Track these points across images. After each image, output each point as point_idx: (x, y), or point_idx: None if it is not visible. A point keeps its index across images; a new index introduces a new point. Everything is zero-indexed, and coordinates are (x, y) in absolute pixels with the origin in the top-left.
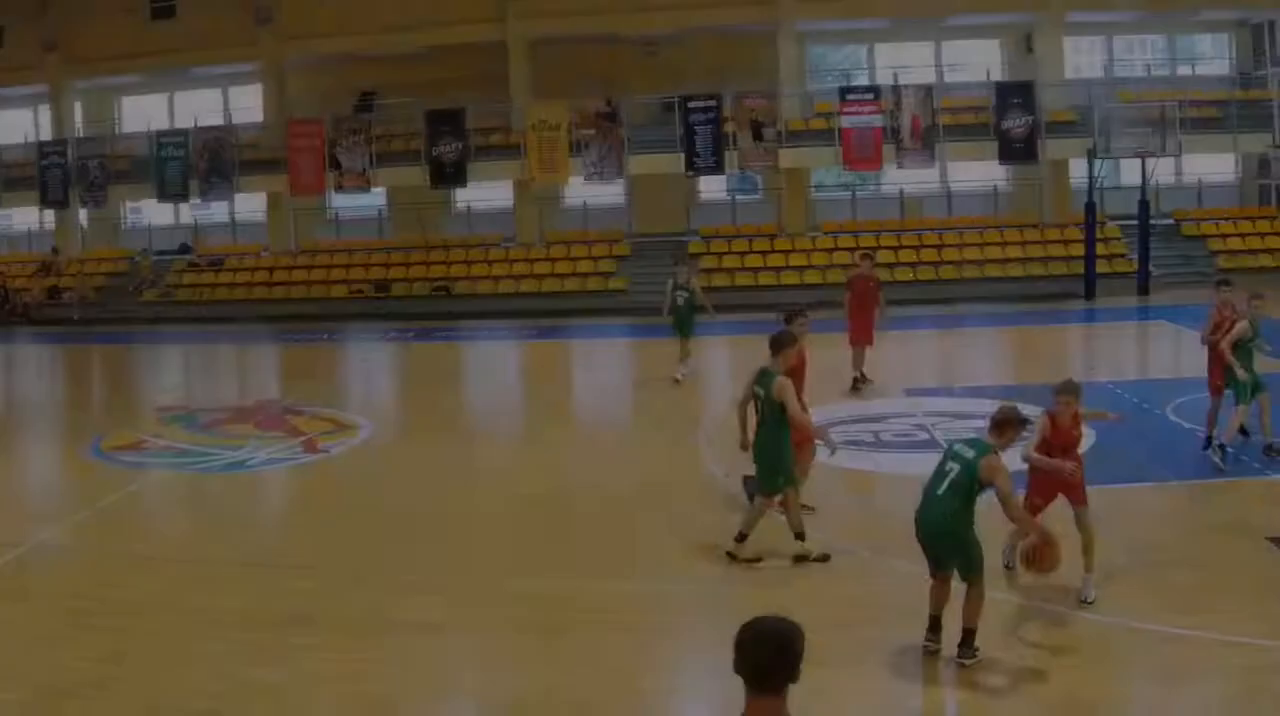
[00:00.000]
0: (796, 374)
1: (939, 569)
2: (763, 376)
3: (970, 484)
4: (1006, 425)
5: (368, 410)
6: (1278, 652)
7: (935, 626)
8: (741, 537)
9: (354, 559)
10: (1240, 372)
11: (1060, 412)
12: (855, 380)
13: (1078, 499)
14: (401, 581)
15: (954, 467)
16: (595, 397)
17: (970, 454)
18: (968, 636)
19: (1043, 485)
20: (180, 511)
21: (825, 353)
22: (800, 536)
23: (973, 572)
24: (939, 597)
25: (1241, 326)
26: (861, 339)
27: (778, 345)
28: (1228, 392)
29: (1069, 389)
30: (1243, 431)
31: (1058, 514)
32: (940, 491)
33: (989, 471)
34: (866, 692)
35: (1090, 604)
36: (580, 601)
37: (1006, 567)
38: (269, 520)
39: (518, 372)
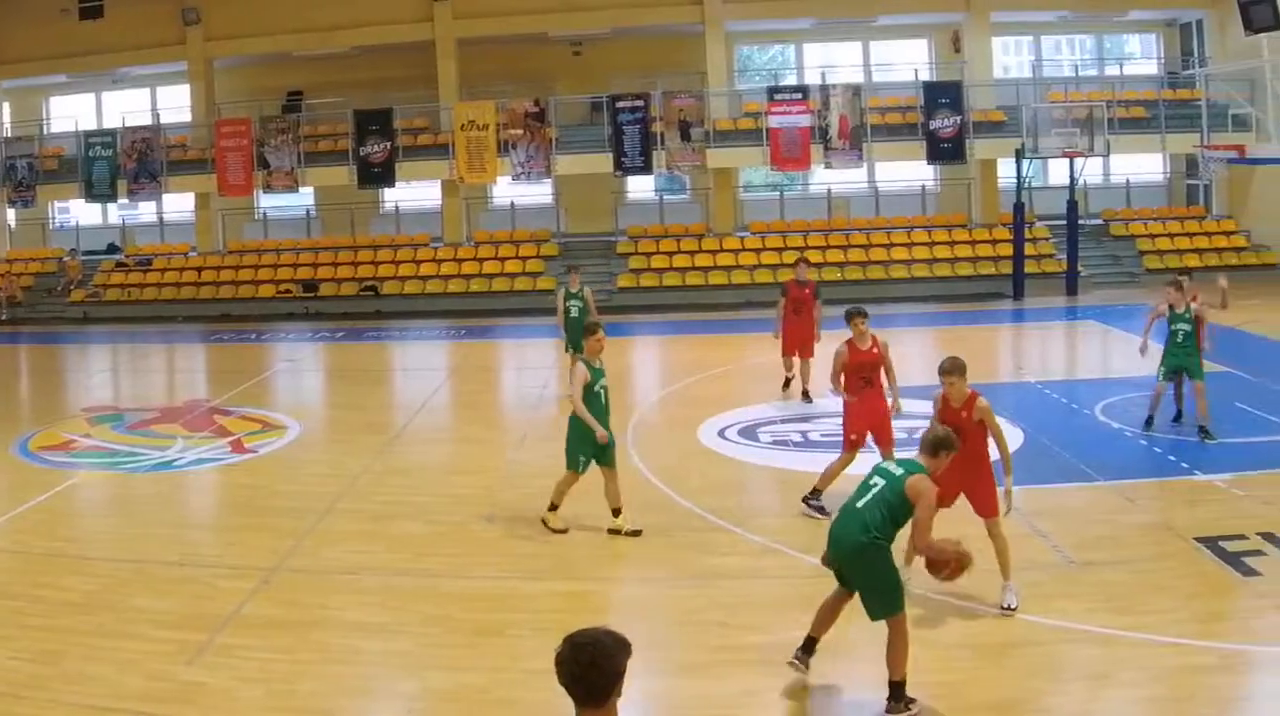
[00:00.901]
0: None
1: (846, 583)
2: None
3: (894, 500)
4: (941, 447)
5: (296, 410)
6: (1211, 653)
7: (809, 647)
8: (554, 508)
9: (284, 559)
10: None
11: (948, 391)
12: (788, 380)
13: (987, 512)
14: (332, 581)
15: (879, 482)
16: (524, 397)
17: (899, 471)
18: (896, 689)
19: (947, 484)
20: (110, 511)
21: (760, 352)
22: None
23: (893, 611)
24: (825, 616)
25: (1160, 308)
26: (794, 349)
27: (587, 331)
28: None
29: (953, 368)
30: (1177, 417)
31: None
32: (859, 504)
33: (914, 491)
34: (792, 693)
35: (1012, 611)
36: (512, 601)
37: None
38: (199, 520)
39: (446, 372)
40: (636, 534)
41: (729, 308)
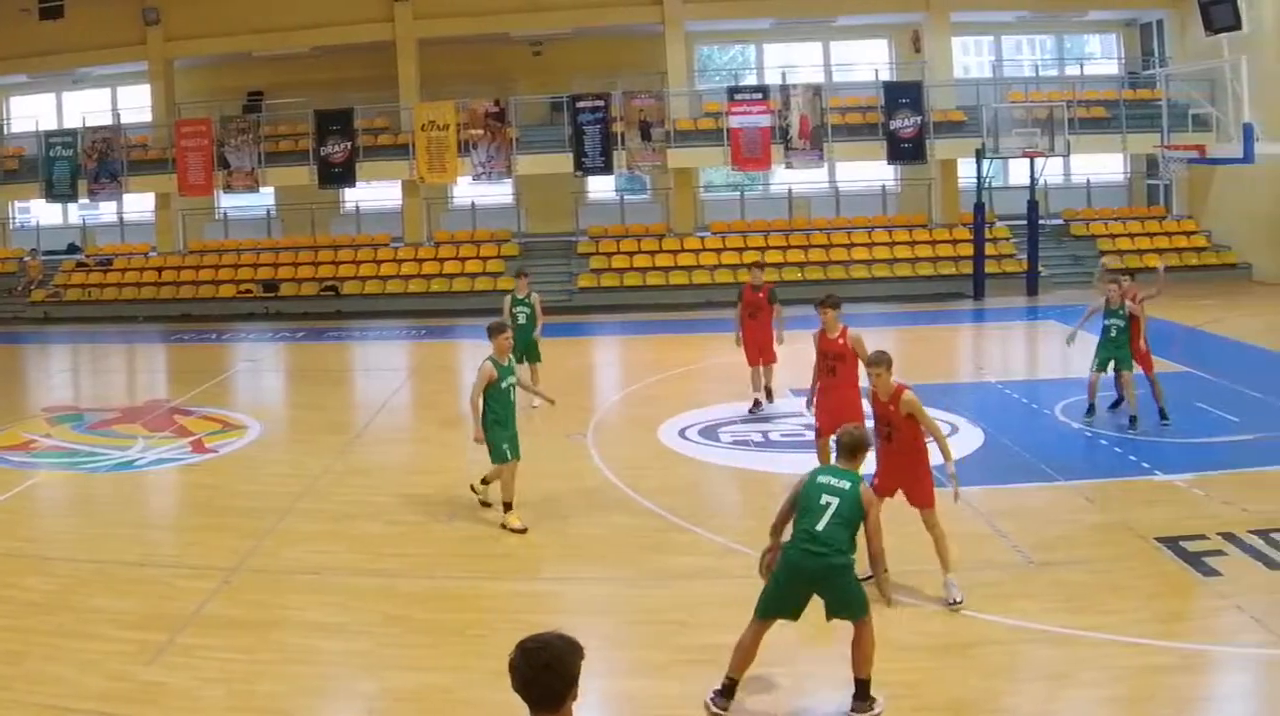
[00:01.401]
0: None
1: (792, 614)
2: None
3: (853, 515)
4: (859, 449)
5: (256, 410)
6: (1171, 653)
7: (729, 691)
8: (509, 507)
9: (244, 559)
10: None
11: (875, 384)
12: (756, 402)
13: (924, 503)
14: (293, 581)
15: (832, 501)
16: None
17: (846, 485)
18: (862, 687)
19: (885, 478)
20: (70, 511)
21: (720, 352)
22: (508, 507)
23: (863, 613)
24: (747, 653)
25: (1098, 303)
26: (756, 358)
27: (490, 333)
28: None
29: (878, 361)
30: (1116, 404)
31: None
32: (819, 527)
33: (867, 500)
34: (755, 690)
35: (959, 604)
36: (472, 602)
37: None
38: (159, 520)
39: (407, 372)
40: (522, 531)
41: (690, 307)
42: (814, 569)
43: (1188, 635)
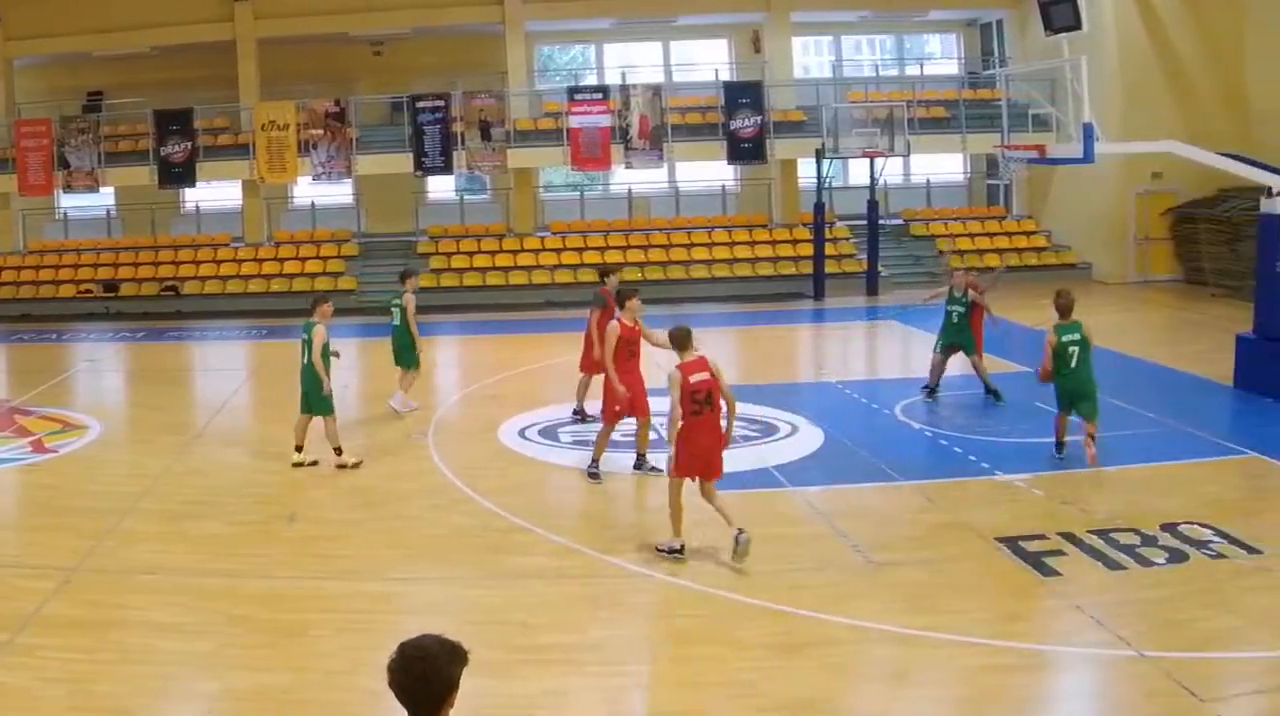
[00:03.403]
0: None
1: None
2: (306, 327)
3: None
4: (687, 337)
5: (97, 410)
6: (1010, 653)
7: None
8: (340, 451)
9: (84, 559)
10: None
11: (683, 363)
12: (576, 412)
13: (709, 474)
14: (134, 581)
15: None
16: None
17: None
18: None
19: (686, 458)
20: None
21: (561, 352)
22: (339, 451)
23: None
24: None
25: (943, 290)
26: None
27: (314, 302)
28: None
29: (678, 341)
30: (990, 393)
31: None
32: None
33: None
34: (596, 690)
35: (668, 551)
36: (313, 602)
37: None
38: None
39: (247, 372)
40: (357, 465)
41: (530, 307)
42: None
43: (1028, 635)
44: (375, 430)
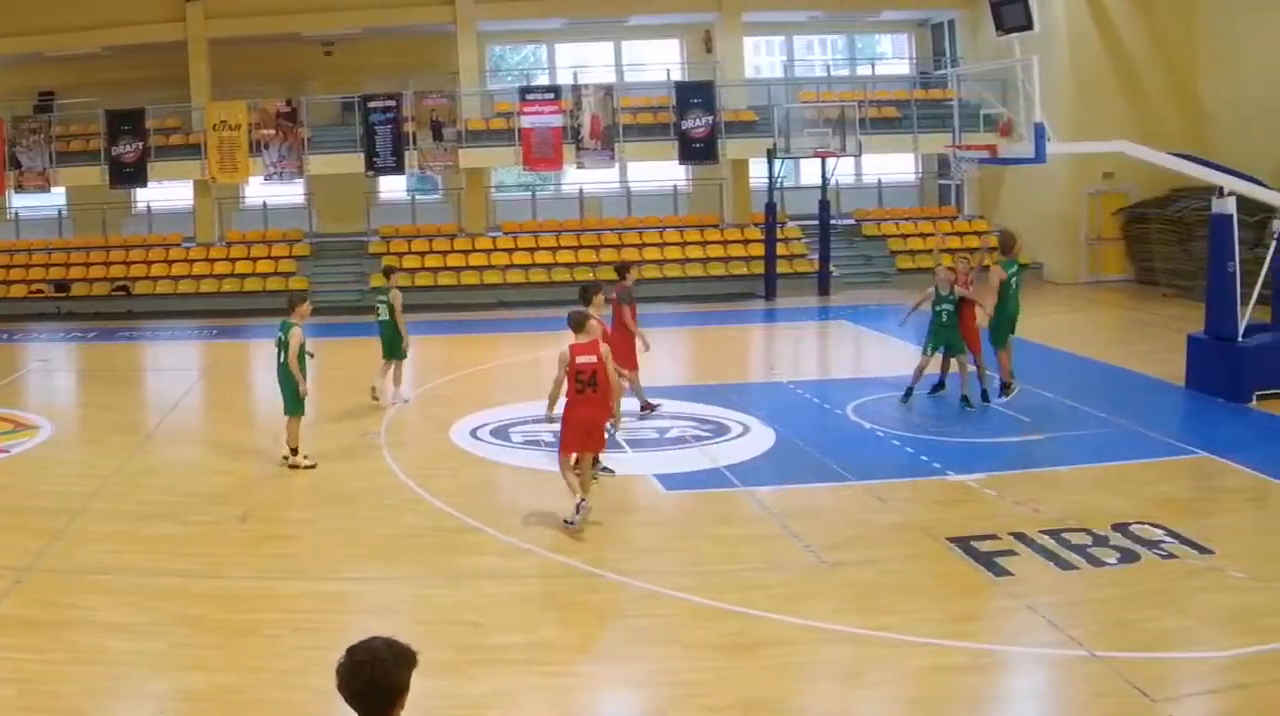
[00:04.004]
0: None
1: None
2: (283, 327)
3: None
4: (583, 320)
5: (48, 410)
6: (961, 653)
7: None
8: (295, 452)
9: (36, 559)
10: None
11: (575, 343)
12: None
13: (588, 446)
14: (86, 581)
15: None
16: (276, 397)
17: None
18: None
19: (570, 434)
20: None
21: (513, 352)
22: (295, 451)
23: None
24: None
25: (929, 290)
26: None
27: (291, 302)
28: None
29: (575, 323)
30: (940, 385)
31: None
32: None
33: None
34: (548, 690)
35: (572, 525)
36: (266, 602)
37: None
38: None
39: (199, 372)
40: (312, 467)
41: (482, 308)
42: None
43: (979, 635)
44: (330, 430)
